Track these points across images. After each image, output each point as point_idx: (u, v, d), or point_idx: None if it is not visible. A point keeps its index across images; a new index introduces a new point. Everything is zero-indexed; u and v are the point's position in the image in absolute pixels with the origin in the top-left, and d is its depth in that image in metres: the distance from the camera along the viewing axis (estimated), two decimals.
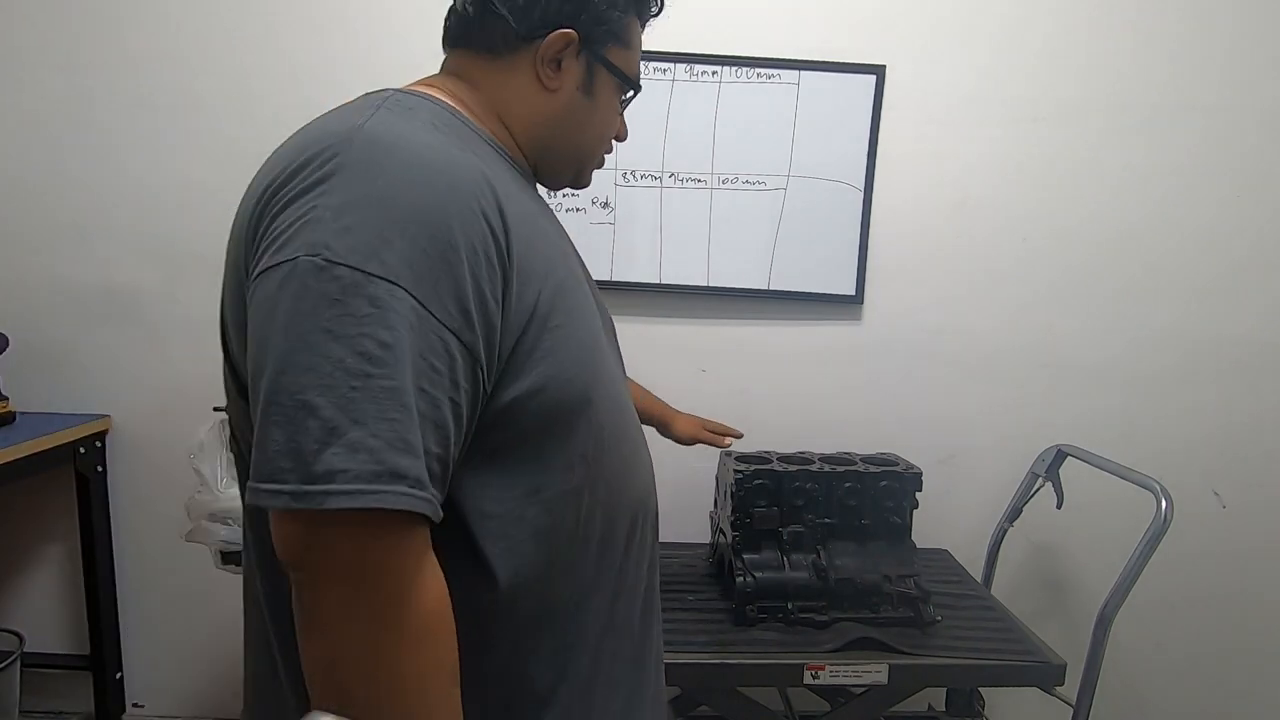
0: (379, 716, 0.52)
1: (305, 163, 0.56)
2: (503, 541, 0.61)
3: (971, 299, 1.81)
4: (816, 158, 1.74)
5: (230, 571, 1.32)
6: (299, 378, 0.50)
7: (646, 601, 0.76)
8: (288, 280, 0.52)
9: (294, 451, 0.49)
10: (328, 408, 0.49)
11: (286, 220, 0.54)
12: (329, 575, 0.51)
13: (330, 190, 0.54)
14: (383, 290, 0.51)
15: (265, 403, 0.51)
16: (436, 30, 0.79)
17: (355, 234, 0.52)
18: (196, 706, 1.96)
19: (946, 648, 1.32)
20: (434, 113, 0.65)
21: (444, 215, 0.55)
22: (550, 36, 0.70)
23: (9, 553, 1.91)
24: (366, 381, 0.50)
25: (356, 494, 0.49)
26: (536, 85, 0.73)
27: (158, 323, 1.81)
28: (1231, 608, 1.89)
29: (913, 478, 1.41)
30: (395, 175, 0.54)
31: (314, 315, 0.51)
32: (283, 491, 0.49)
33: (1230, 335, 1.81)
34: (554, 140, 0.76)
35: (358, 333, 0.50)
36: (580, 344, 0.65)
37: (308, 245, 0.52)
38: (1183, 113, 1.74)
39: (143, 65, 1.73)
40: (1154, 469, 1.42)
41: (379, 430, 0.50)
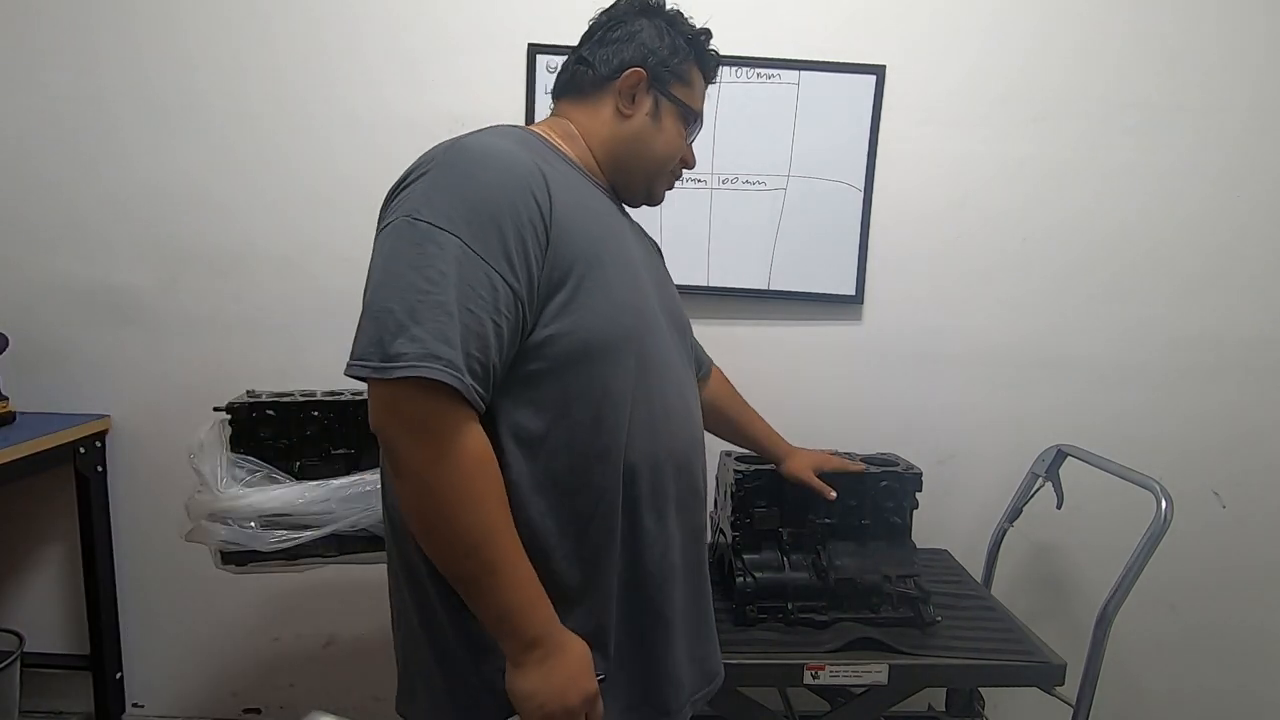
0: (454, 529, 0.75)
1: (416, 167, 0.83)
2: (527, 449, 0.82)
3: (971, 299, 1.81)
4: (816, 158, 1.74)
5: (230, 571, 1.31)
6: (385, 292, 0.75)
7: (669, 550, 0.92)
8: (391, 232, 0.78)
9: (378, 340, 0.74)
10: (400, 312, 0.73)
11: (400, 199, 0.81)
12: (400, 429, 0.74)
13: (425, 178, 0.80)
14: (444, 238, 0.75)
15: (365, 309, 0.77)
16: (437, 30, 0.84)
17: (433, 202, 0.77)
18: (196, 706, 1.96)
19: (946, 648, 1.32)
20: (520, 135, 0.89)
21: (497, 190, 0.78)
22: (625, 74, 0.95)
23: (9, 553, 1.91)
24: (426, 297, 0.74)
25: (409, 368, 0.72)
26: (616, 114, 0.97)
27: (158, 323, 1.81)
28: (1232, 608, 1.89)
29: (913, 478, 1.41)
30: (468, 165, 0.80)
31: (400, 252, 0.76)
32: (368, 365, 0.74)
33: (1231, 335, 1.81)
34: (629, 158, 0.98)
35: (425, 264, 0.75)
36: (612, 308, 0.85)
37: (406, 210, 0.78)
38: (1183, 113, 1.74)
39: (143, 66, 1.73)
40: (1154, 469, 1.41)
41: (429, 329, 0.73)
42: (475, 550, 0.76)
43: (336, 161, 1.75)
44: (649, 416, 0.89)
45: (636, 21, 0.97)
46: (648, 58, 0.95)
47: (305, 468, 1.34)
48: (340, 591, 1.88)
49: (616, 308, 0.86)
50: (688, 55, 0.98)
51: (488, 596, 0.78)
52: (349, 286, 1.74)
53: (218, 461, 1.28)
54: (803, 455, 1.38)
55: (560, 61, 1.04)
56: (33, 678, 1.87)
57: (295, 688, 1.95)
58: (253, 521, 1.26)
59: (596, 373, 0.84)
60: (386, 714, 1.95)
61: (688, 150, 1.04)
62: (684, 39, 0.99)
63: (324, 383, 1.50)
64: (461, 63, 1.72)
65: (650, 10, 0.99)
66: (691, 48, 0.99)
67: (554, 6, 1.69)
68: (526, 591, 0.79)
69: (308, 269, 1.79)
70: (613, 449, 0.85)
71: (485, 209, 0.77)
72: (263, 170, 1.76)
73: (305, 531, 1.26)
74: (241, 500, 1.25)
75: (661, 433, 0.91)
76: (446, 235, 0.75)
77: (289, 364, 1.80)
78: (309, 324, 1.80)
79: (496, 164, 0.80)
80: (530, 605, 0.79)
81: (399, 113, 1.73)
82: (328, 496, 1.27)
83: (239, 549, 1.27)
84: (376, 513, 1.27)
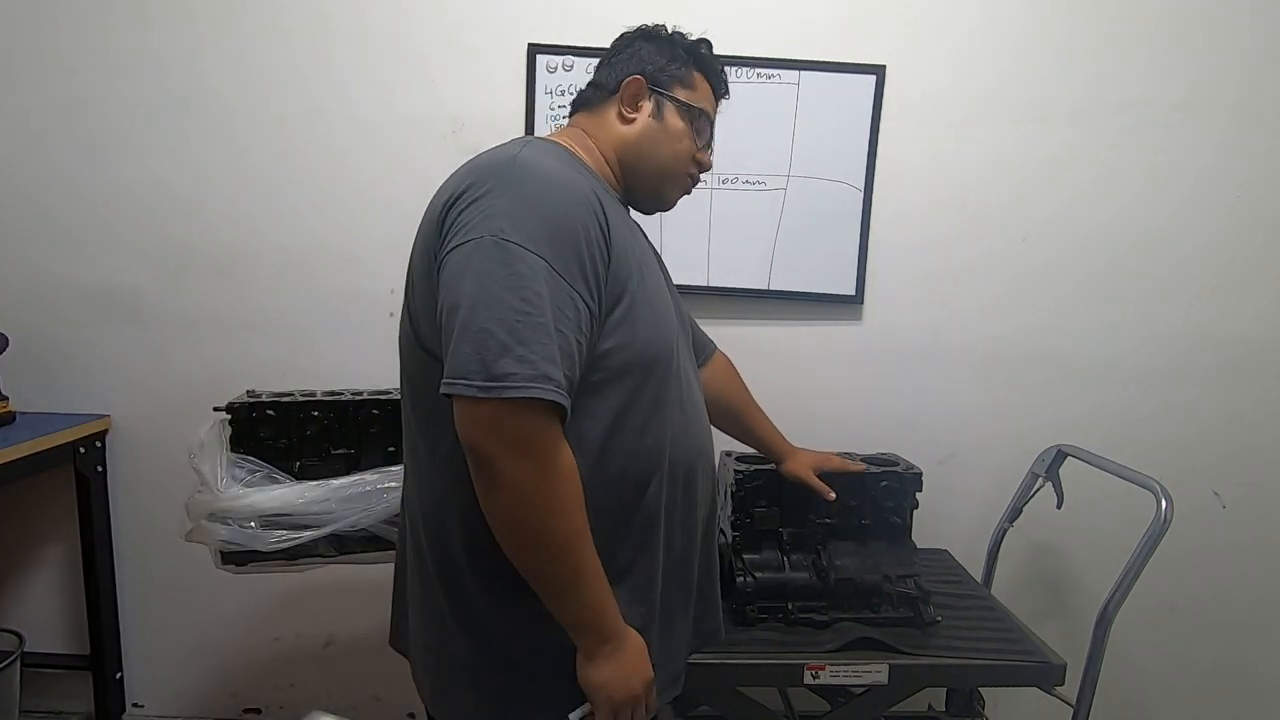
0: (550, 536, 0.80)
1: (479, 180, 0.84)
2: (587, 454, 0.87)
3: (971, 299, 1.81)
4: (816, 158, 1.74)
5: (230, 571, 1.31)
6: (483, 313, 0.77)
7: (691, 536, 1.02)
8: (476, 250, 0.79)
9: (479, 359, 0.76)
10: (501, 333, 0.76)
11: (472, 216, 0.82)
12: (502, 445, 0.77)
13: (499, 195, 0.82)
14: (533, 260, 0.79)
15: (460, 328, 0.78)
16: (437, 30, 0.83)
17: (518, 223, 0.80)
18: (196, 706, 1.96)
19: (946, 648, 1.32)
20: (557, 152, 0.93)
21: (570, 213, 0.83)
22: (625, 82, 1.02)
23: (9, 553, 1.91)
24: (526, 318, 0.77)
25: (524, 387, 0.76)
26: (619, 120, 1.03)
27: (158, 323, 1.81)
28: (1231, 608, 1.89)
29: (913, 478, 1.41)
30: (540, 187, 0.83)
31: (493, 273, 0.78)
32: (472, 384, 0.76)
33: (1230, 335, 1.81)
34: (636, 159, 1.03)
35: (520, 285, 0.78)
36: (655, 320, 0.93)
37: (489, 229, 0.80)
38: (1184, 114, 1.74)
39: (143, 66, 1.73)
40: (1154, 469, 1.41)
41: (535, 350, 0.77)
42: (565, 554, 0.82)
43: (337, 161, 1.75)
44: (682, 417, 0.97)
45: (637, 44, 1.06)
46: (646, 66, 1.03)
47: (305, 468, 1.35)
48: (340, 591, 1.88)
49: (659, 319, 0.94)
50: (687, 61, 1.05)
51: (573, 597, 0.84)
52: (350, 286, 1.77)
53: (218, 461, 1.28)
54: (804, 455, 1.38)
55: (560, 61, 1.08)
56: (33, 678, 1.87)
57: (295, 688, 1.95)
58: (253, 521, 1.26)
59: (648, 383, 0.91)
60: (386, 714, 1.97)
61: (702, 152, 1.08)
62: (683, 49, 1.06)
63: (324, 383, 1.51)
64: (462, 63, 1.72)
65: (650, 34, 1.07)
66: (691, 55, 1.05)
67: (554, 7, 1.69)
68: (603, 590, 0.86)
69: (308, 269, 1.79)
70: (659, 451, 0.94)
71: (563, 231, 0.81)
72: (262, 170, 1.76)
73: (305, 531, 1.26)
74: (241, 500, 1.25)
75: (691, 431, 1.00)
76: (535, 257, 0.79)
77: (289, 364, 1.80)
78: (309, 324, 1.80)
79: (563, 187, 0.85)
80: (605, 603, 0.86)
81: (399, 112, 1.73)
82: (328, 496, 1.27)
83: (239, 549, 1.27)
84: (376, 513, 1.27)
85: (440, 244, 0.84)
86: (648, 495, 0.94)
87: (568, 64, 1.69)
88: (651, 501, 0.94)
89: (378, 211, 1.73)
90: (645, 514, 0.94)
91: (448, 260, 0.82)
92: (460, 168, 0.90)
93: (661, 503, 0.95)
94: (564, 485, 0.80)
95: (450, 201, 0.85)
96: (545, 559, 0.82)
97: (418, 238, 0.91)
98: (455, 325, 0.78)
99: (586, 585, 0.84)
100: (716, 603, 1.14)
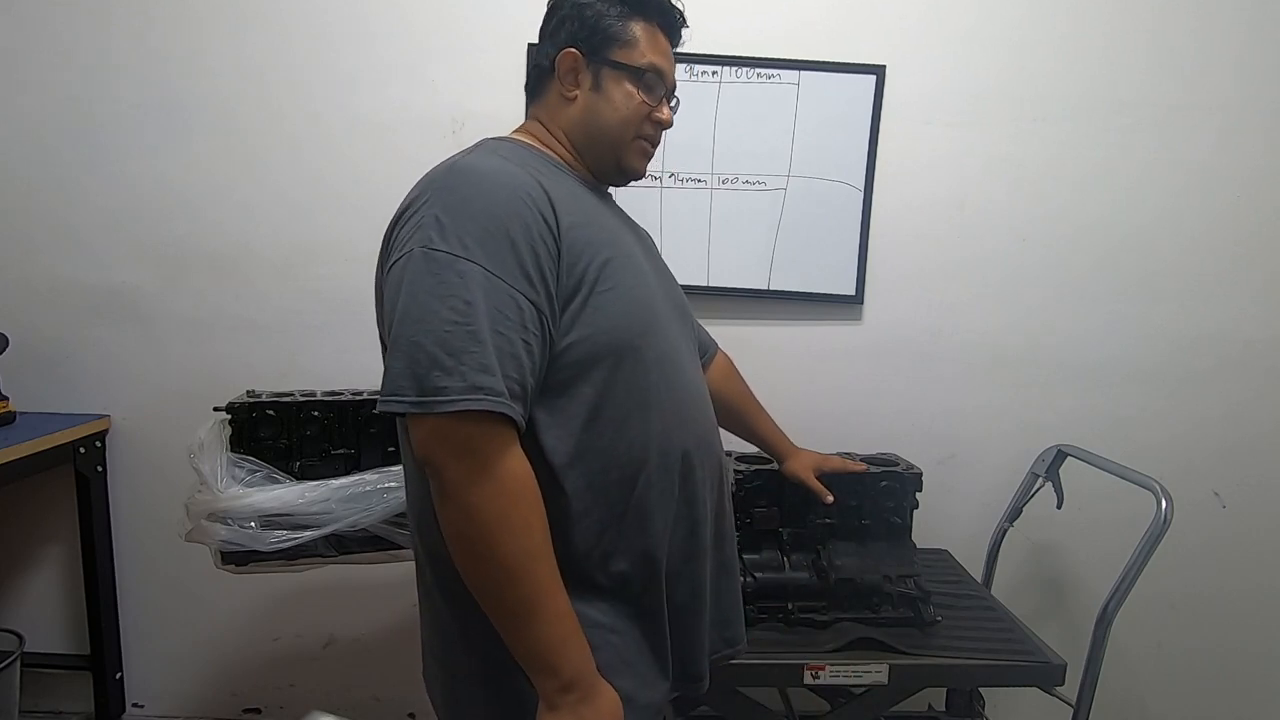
0: (496, 555, 0.75)
1: (418, 194, 0.82)
2: (564, 452, 0.83)
3: (971, 299, 1.81)
4: (816, 158, 1.74)
5: (230, 571, 1.31)
6: (411, 327, 0.75)
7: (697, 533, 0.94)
8: (407, 263, 0.78)
9: (411, 374, 0.74)
10: (431, 345, 0.74)
11: (407, 231, 0.80)
12: (446, 457, 0.74)
13: (430, 205, 0.79)
14: (464, 266, 0.76)
15: (392, 344, 0.76)
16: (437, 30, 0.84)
17: (447, 229, 0.77)
18: (196, 706, 1.95)
19: (946, 648, 1.32)
20: (509, 149, 0.90)
21: (504, 211, 0.79)
22: (557, 59, 0.94)
23: (9, 553, 1.91)
24: (456, 328, 0.74)
25: (455, 401, 0.73)
26: (560, 99, 0.96)
27: (157, 323, 1.81)
28: (1231, 608, 1.89)
29: (913, 478, 1.41)
30: (470, 189, 0.80)
31: (422, 284, 0.76)
32: (403, 400, 0.74)
33: (1230, 335, 1.81)
34: (583, 136, 0.97)
35: (449, 294, 0.75)
36: (625, 306, 0.87)
37: (419, 240, 0.78)
38: (1183, 113, 1.74)
39: (143, 66, 1.73)
40: (1154, 469, 1.42)
41: (466, 360, 0.74)
42: (517, 578, 0.75)
43: (337, 161, 1.75)
44: (674, 407, 0.91)
45: (565, 6, 0.96)
46: (576, 35, 0.94)
47: (305, 468, 1.34)
48: (340, 591, 1.88)
49: (629, 305, 0.87)
50: (621, 14, 0.94)
51: (526, 629, 0.77)
52: (350, 287, 1.77)
53: (218, 461, 1.28)
54: (805, 456, 1.37)
55: None
56: (33, 678, 1.87)
57: (295, 688, 1.95)
58: (253, 521, 1.25)
59: (620, 373, 0.85)
60: (387, 714, 1.97)
61: (658, 109, 0.98)
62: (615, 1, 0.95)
63: (324, 383, 1.51)
64: (462, 63, 1.72)
65: None
66: (625, 3, 0.95)
67: None
68: (564, 626, 0.78)
69: (308, 269, 1.79)
70: (645, 443, 0.87)
71: (497, 230, 0.78)
72: (263, 170, 1.76)
73: (305, 531, 1.26)
74: (241, 500, 1.25)
75: (686, 419, 0.93)
76: (466, 263, 0.76)
77: (289, 364, 1.80)
78: (309, 324, 1.80)
79: (497, 183, 0.81)
80: (565, 641, 0.78)
81: (399, 113, 1.73)
82: (327, 496, 1.27)
83: (239, 549, 1.26)
84: (376, 513, 1.27)
85: (387, 256, 0.83)
86: (636, 491, 0.87)
87: None
88: (642, 498, 0.87)
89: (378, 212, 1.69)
90: (637, 512, 0.88)
91: (387, 279, 0.81)
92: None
93: (652, 498, 0.88)
94: (515, 500, 0.75)
95: (395, 220, 0.84)
96: (495, 581, 0.76)
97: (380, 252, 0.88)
98: (391, 341, 0.77)
99: (543, 617, 0.76)
100: (738, 608, 1.05)
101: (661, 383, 0.90)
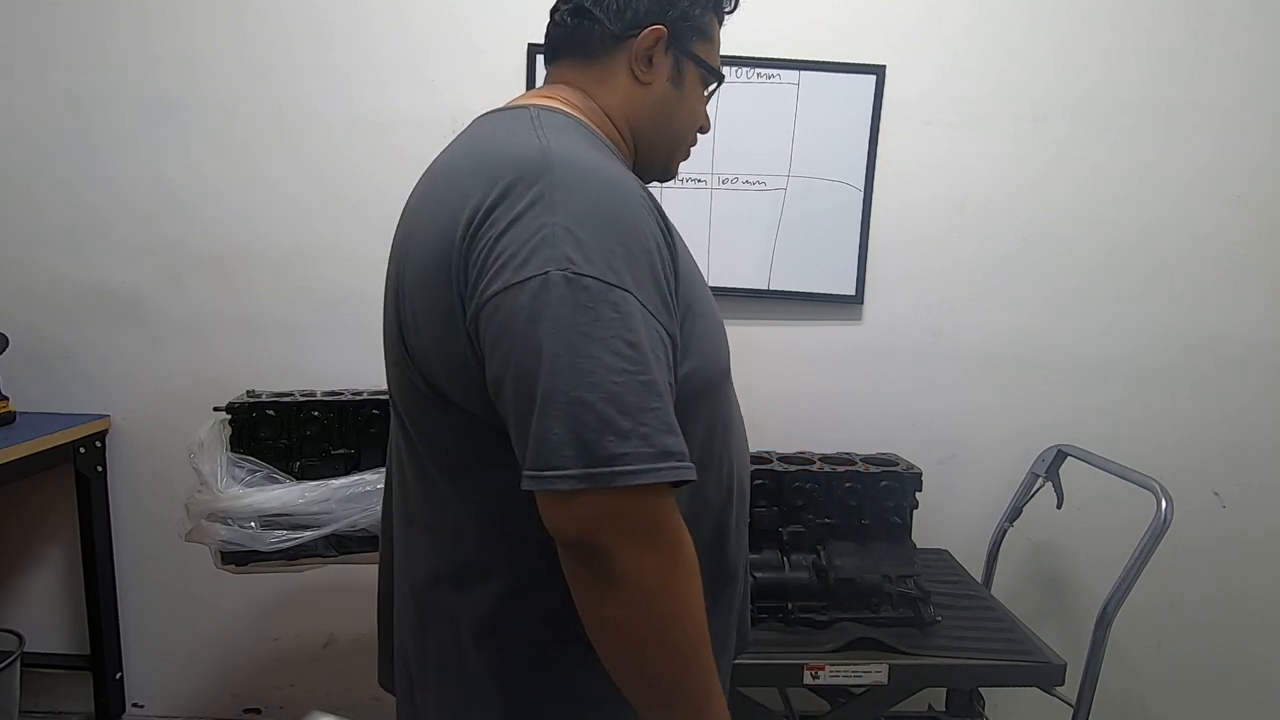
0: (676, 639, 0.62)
1: (510, 187, 0.62)
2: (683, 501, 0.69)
3: (971, 299, 1.81)
4: (816, 158, 1.74)
5: (230, 571, 1.31)
6: (569, 378, 0.57)
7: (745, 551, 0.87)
8: (542, 293, 0.58)
9: (576, 441, 0.57)
10: (600, 403, 0.57)
11: (516, 240, 0.60)
12: (623, 539, 0.59)
13: (549, 208, 0.61)
14: (618, 296, 0.60)
15: (542, 402, 0.58)
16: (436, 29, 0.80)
17: (588, 248, 0.60)
18: (196, 706, 1.95)
19: (946, 648, 1.32)
20: (579, 131, 0.73)
21: (637, 223, 0.64)
22: (643, 34, 0.77)
23: (9, 553, 1.91)
24: (627, 378, 0.58)
25: (642, 473, 0.58)
26: (632, 81, 0.79)
27: (157, 323, 1.81)
28: (1232, 608, 1.89)
29: (913, 478, 1.41)
30: (598, 195, 0.63)
31: (572, 322, 0.58)
32: (569, 475, 0.57)
33: (1230, 335, 1.81)
34: (651, 131, 0.82)
35: (610, 335, 0.59)
36: (715, 329, 0.77)
37: (553, 260, 0.59)
38: (1183, 113, 1.74)
39: (143, 66, 1.73)
40: (1154, 469, 1.42)
41: (646, 419, 0.58)
42: (694, 662, 0.63)
43: (337, 161, 1.75)
44: (741, 430, 0.85)
45: None
46: (667, 10, 0.78)
47: (305, 468, 1.35)
48: (340, 591, 1.88)
49: (716, 326, 0.78)
50: (708, 3, 0.82)
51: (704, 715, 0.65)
52: (350, 287, 1.77)
53: (218, 461, 1.28)
54: None
55: None
56: (33, 678, 1.87)
57: (295, 688, 1.95)
58: (253, 521, 1.26)
59: (716, 404, 0.77)
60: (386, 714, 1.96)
61: (705, 116, 0.89)
62: None
63: (324, 383, 1.51)
64: (461, 62, 1.72)
65: None
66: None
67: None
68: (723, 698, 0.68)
69: (308, 269, 1.79)
70: (733, 474, 0.81)
71: (637, 249, 0.63)
72: (262, 170, 1.76)
73: (305, 531, 1.26)
74: (241, 500, 1.25)
75: (742, 444, 0.86)
76: (619, 292, 0.60)
77: (289, 364, 1.80)
78: (309, 324, 1.80)
79: (619, 187, 0.65)
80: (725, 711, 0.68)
81: (399, 113, 1.73)
82: (327, 496, 1.27)
83: (239, 549, 1.27)
84: (376, 513, 1.27)
85: (472, 279, 0.62)
86: (720, 520, 0.79)
87: None
88: (724, 526, 0.80)
89: (378, 211, 1.72)
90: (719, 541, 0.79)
91: (496, 306, 0.60)
92: (457, 158, 0.70)
93: (731, 524, 0.81)
94: (693, 578, 0.63)
95: (478, 218, 0.62)
96: (672, 671, 0.63)
97: (414, 258, 0.68)
98: (532, 397, 0.58)
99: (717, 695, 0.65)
100: (747, 608, 1.00)
101: (734, 406, 0.83)
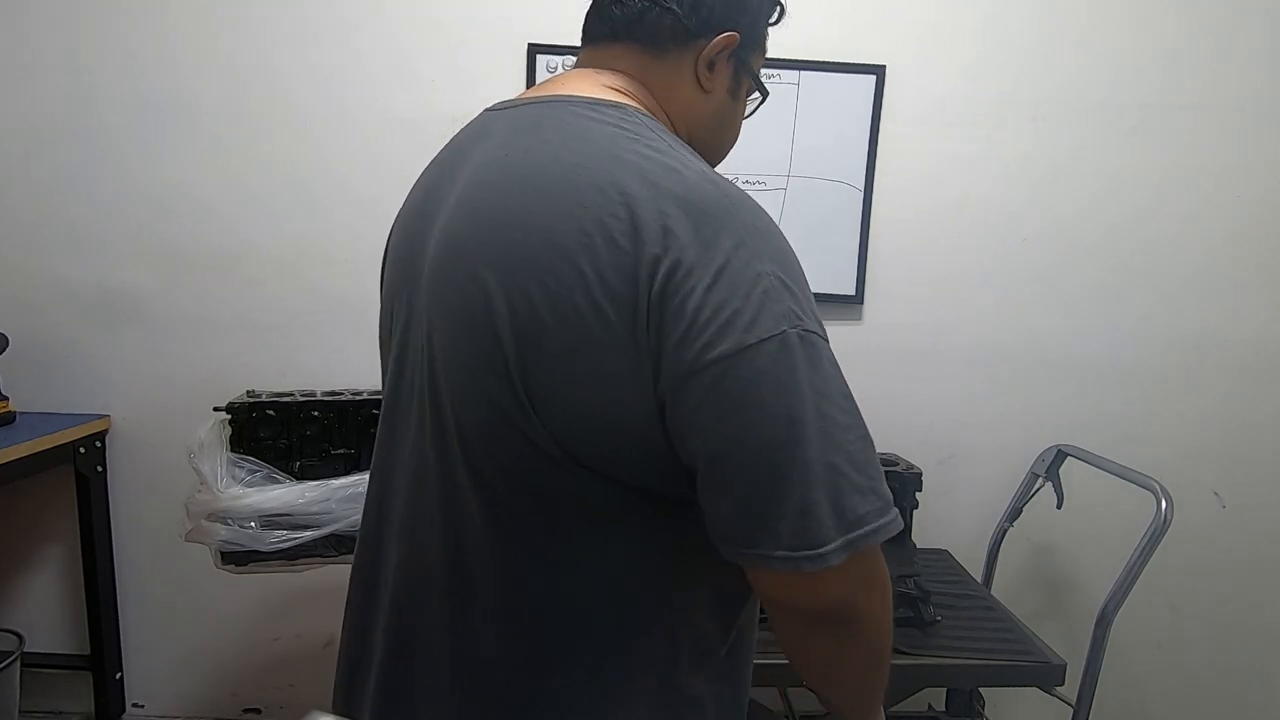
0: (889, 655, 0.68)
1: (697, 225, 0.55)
2: None
3: (971, 299, 1.81)
4: (816, 158, 1.74)
5: (230, 571, 1.31)
6: (821, 444, 0.55)
7: None
8: (783, 355, 0.55)
9: (835, 510, 0.55)
10: (844, 464, 0.56)
11: (734, 293, 0.55)
12: (867, 593, 0.60)
13: (760, 256, 0.56)
14: (826, 349, 0.58)
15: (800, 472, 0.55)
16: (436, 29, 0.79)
17: (800, 299, 0.57)
18: (196, 706, 1.95)
19: (946, 648, 1.32)
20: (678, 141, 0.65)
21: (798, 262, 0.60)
22: (717, 39, 0.70)
23: (9, 553, 1.91)
24: (855, 435, 0.57)
25: (884, 527, 0.57)
26: (695, 87, 0.72)
27: (157, 323, 1.81)
28: (1231, 608, 1.89)
29: (913, 478, 1.41)
30: (775, 232, 0.59)
31: (812, 383, 0.55)
32: (835, 550, 0.55)
33: (1231, 335, 1.81)
34: (705, 143, 0.75)
35: (835, 391, 0.57)
36: None
37: (785, 318, 0.55)
38: (1185, 113, 1.74)
39: (143, 66, 1.73)
40: (1154, 469, 1.42)
41: (873, 472, 0.58)
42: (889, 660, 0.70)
43: (336, 162, 1.75)
44: None
45: None
46: (740, 16, 0.71)
47: (305, 468, 1.35)
48: (340, 591, 1.86)
49: None
50: (770, 17, 0.77)
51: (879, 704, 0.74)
52: (349, 287, 1.77)
53: (218, 461, 1.28)
54: None
55: (560, 61, 0.83)
56: (33, 678, 1.87)
57: (295, 688, 1.95)
58: (253, 521, 1.26)
59: None
60: None
61: None
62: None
63: (324, 383, 1.51)
64: (461, 63, 1.72)
65: None
66: (778, 7, 0.78)
67: (553, 7, 1.69)
68: None
69: (308, 269, 1.79)
70: None
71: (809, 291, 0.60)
72: (263, 171, 1.76)
73: (305, 531, 1.26)
74: (241, 500, 1.25)
75: None
76: (825, 344, 0.58)
77: (289, 364, 1.80)
78: (309, 324, 1.80)
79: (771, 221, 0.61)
80: None
81: (399, 113, 1.73)
82: (327, 496, 1.27)
83: (239, 549, 1.27)
84: None
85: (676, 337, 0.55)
86: None
87: (568, 64, 1.69)
88: None
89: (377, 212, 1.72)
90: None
91: (724, 371, 0.54)
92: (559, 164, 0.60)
93: None
94: None
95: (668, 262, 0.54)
96: (884, 678, 0.71)
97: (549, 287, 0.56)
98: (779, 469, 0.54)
99: None
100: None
101: None
